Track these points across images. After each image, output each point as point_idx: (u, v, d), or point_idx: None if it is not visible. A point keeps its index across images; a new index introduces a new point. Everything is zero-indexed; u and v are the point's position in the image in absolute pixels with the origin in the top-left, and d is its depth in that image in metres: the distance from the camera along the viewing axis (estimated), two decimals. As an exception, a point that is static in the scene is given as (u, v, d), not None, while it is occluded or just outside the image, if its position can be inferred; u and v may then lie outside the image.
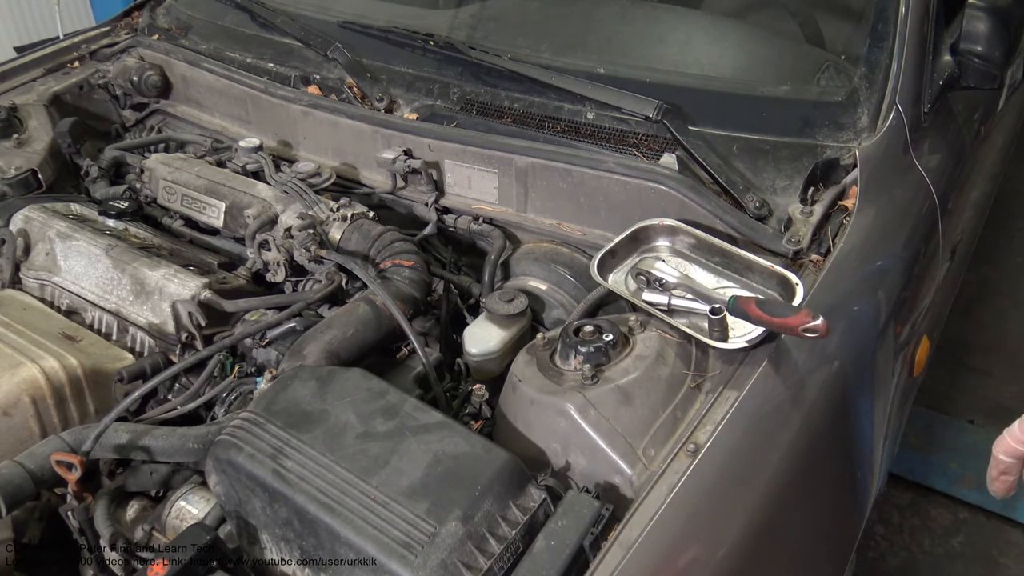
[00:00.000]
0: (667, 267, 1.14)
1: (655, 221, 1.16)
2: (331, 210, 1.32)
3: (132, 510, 1.02)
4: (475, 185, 1.37)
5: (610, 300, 1.17)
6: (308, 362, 1.03)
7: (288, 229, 1.29)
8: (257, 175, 1.45)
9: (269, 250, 1.29)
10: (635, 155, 1.27)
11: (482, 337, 1.16)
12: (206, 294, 1.19)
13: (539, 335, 1.04)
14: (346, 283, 1.25)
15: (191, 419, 1.11)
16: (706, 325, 1.00)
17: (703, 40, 1.44)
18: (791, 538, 1.00)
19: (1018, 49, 1.32)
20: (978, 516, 2.22)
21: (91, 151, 1.67)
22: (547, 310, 1.27)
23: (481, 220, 1.38)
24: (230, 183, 1.41)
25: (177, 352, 1.20)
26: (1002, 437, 0.93)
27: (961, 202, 1.62)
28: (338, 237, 1.29)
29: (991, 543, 2.15)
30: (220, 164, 1.51)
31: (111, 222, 1.42)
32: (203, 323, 1.18)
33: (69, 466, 0.90)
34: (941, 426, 2.44)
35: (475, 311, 1.30)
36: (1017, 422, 0.91)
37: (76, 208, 1.46)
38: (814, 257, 1.14)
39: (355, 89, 1.53)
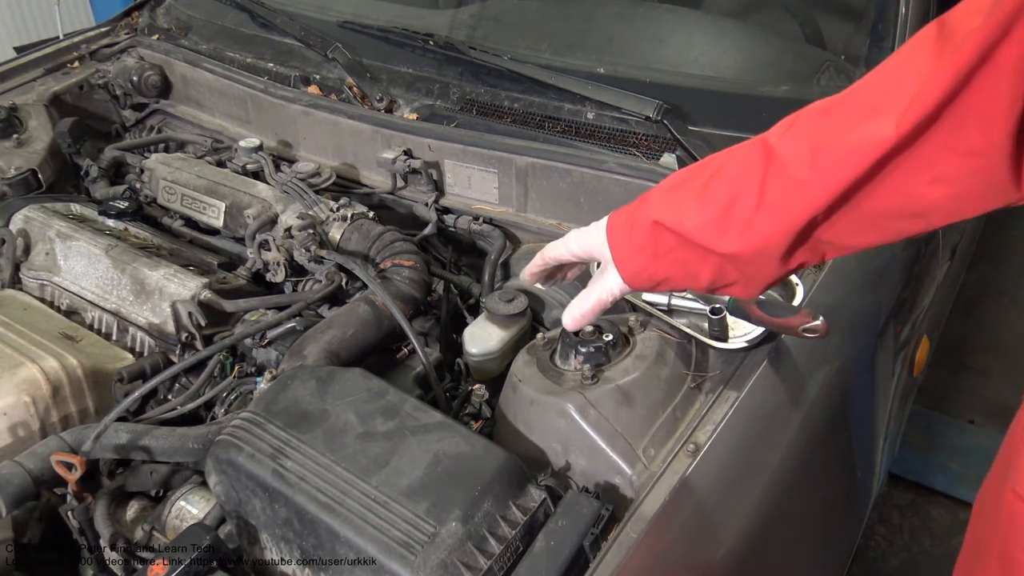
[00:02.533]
0: (667, 267, 1.13)
1: (655, 221, 1.16)
2: (331, 210, 1.32)
3: (132, 510, 1.02)
4: (475, 185, 1.37)
5: (610, 300, 1.16)
6: (308, 362, 1.03)
7: (288, 229, 1.29)
8: (257, 175, 1.45)
9: (269, 250, 1.29)
10: (635, 155, 1.27)
11: (482, 337, 1.16)
12: (206, 294, 1.19)
13: (539, 335, 1.04)
14: (346, 283, 1.25)
15: (191, 419, 1.11)
16: (706, 325, 1.00)
17: (703, 40, 1.44)
18: (791, 538, 1.00)
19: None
20: (978, 516, 2.22)
21: (91, 151, 1.67)
22: (547, 310, 1.27)
23: (481, 220, 1.38)
24: (230, 183, 1.41)
25: (177, 352, 1.20)
26: (545, 252, 0.96)
27: (961, 202, 1.62)
28: (338, 237, 1.29)
29: (991, 543, 2.15)
30: (220, 164, 1.51)
31: (111, 222, 1.42)
32: (203, 323, 1.18)
33: (69, 466, 0.90)
34: (941, 426, 2.44)
35: (475, 311, 1.30)
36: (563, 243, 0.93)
37: (76, 208, 1.46)
38: (814, 257, 1.14)
39: (355, 89, 1.53)
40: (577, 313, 0.91)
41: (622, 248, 0.85)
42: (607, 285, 0.88)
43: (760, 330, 0.97)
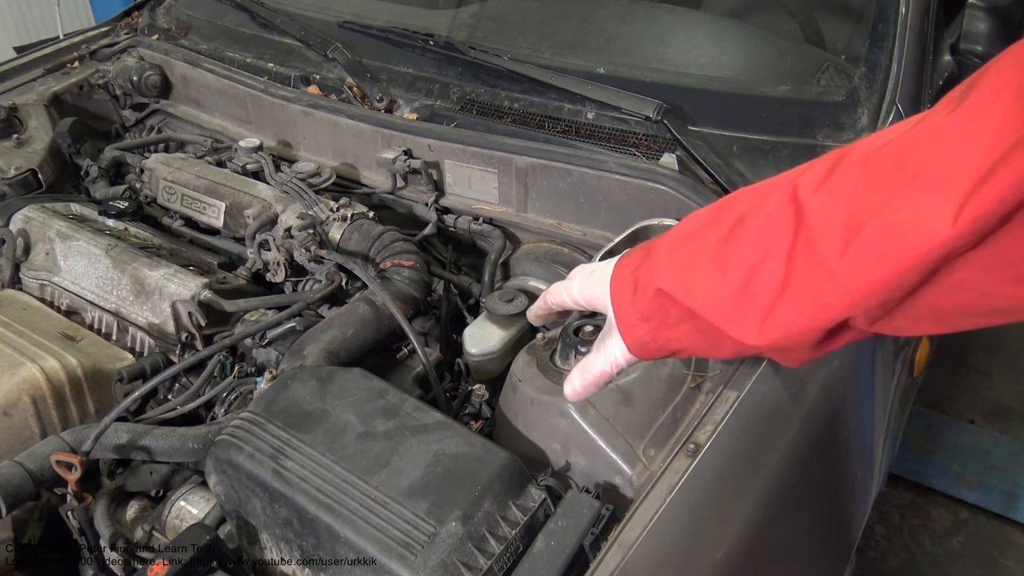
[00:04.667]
0: (667, 267, 1.13)
1: (655, 221, 1.16)
2: (331, 210, 1.32)
3: (132, 510, 1.02)
4: (475, 185, 1.37)
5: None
6: (308, 362, 1.03)
7: (288, 229, 1.29)
8: (257, 175, 1.45)
9: (269, 250, 1.29)
10: (635, 155, 1.27)
11: (482, 337, 1.16)
12: (206, 294, 1.19)
13: (539, 335, 1.04)
14: (346, 283, 1.25)
15: (191, 419, 1.11)
16: (706, 325, 1.00)
17: (703, 40, 1.44)
18: (791, 538, 1.00)
19: (1018, 49, 1.32)
20: (978, 516, 2.22)
21: (91, 151, 1.67)
22: (547, 310, 1.27)
23: (481, 220, 1.38)
24: (230, 183, 1.41)
25: (177, 352, 1.20)
26: (546, 295, 0.86)
27: (961, 202, 1.62)
28: (338, 237, 1.29)
29: (991, 543, 2.16)
30: (220, 164, 1.51)
31: (111, 222, 1.42)
32: (203, 323, 1.18)
33: (69, 466, 0.90)
34: (941, 426, 2.44)
35: (475, 311, 1.30)
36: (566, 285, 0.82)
37: (76, 208, 1.46)
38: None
39: (355, 89, 1.53)
40: (579, 386, 0.80)
41: (625, 314, 0.71)
42: (611, 354, 0.75)
43: (760, 330, 0.97)
